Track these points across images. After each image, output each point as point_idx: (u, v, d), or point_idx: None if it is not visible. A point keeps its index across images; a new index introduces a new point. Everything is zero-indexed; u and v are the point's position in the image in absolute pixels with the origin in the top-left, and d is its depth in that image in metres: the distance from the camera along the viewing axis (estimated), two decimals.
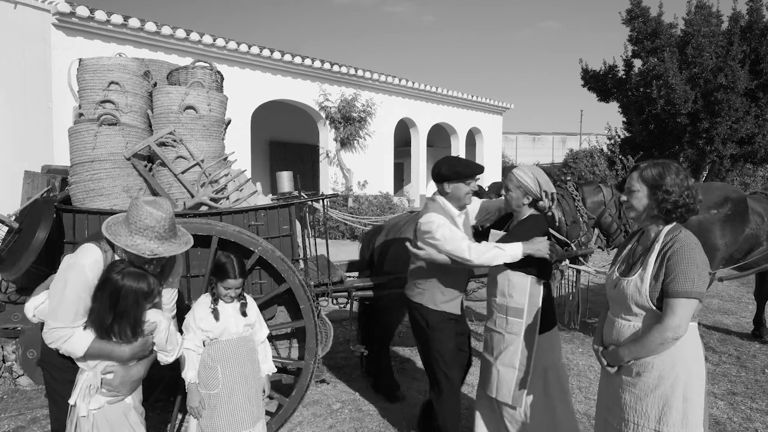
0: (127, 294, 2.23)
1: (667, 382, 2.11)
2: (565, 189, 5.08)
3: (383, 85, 14.89)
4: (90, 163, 3.20)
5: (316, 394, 4.21)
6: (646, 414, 2.15)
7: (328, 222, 10.23)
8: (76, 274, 2.26)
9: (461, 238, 2.87)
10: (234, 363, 2.79)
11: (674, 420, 2.10)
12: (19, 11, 9.31)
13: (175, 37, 10.36)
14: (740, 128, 13.23)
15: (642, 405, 2.16)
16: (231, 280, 2.75)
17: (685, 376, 2.11)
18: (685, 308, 2.04)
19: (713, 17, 13.86)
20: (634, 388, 2.18)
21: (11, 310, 3.11)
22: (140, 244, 2.27)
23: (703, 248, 2.16)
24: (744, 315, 6.68)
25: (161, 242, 2.33)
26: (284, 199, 3.61)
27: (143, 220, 2.30)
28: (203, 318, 2.75)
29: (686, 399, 2.11)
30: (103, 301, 2.24)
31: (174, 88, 3.45)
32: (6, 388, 4.30)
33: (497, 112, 19.33)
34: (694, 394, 2.12)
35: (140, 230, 2.29)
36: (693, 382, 2.13)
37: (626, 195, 2.27)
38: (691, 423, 2.10)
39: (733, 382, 4.46)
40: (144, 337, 2.35)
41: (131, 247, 2.25)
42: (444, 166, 3.03)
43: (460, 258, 2.83)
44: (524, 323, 2.79)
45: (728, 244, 4.96)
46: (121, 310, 2.24)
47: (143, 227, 2.29)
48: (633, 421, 2.19)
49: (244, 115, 11.70)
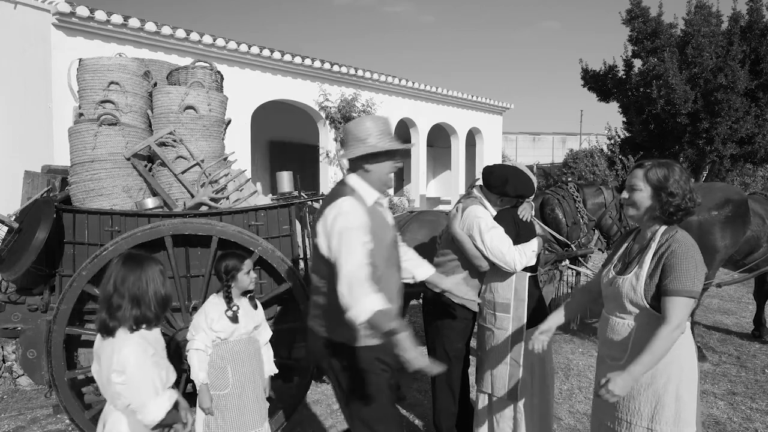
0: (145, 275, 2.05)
1: (660, 380, 2.12)
2: (566, 190, 5.08)
3: (383, 85, 14.89)
4: (90, 163, 3.20)
5: (316, 394, 4.21)
6: (639, 412, 2.16)
7: None
8: (354, 230, 2.15)
9: (510, 245, 2.84)
10: (244, 363, 2.79)
11: (666, 418, 2.11)
12: (19, 11, 9.30)
13: (175, 37, 10.35)
14: (740, 128, 13.22)
15: (635, 403, 2.17)
16: (247, 261, 2.76)
17: (678, 374, 2.13)
18: (687, 306, 2.04)
19: (713, 17, 13.85)
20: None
21: (11, 310, 3.11)
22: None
23: (703, 250, 2.17)
24: (744, 315, 6.67)
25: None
26: (284, 199, 3.60)
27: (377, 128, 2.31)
28: (216, 320, 2.71)
29: (679, 398, 2.12)
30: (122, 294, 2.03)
31: (174, 88, 3.45)
32: (6, 388, 4.30)
33: (497, 112, 19.33)
34: (686, 392, 2.13)
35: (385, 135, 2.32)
36: (686, 381, 2.14)
37: (628, 192, 2.25)
38: (683, 421, 2.12)
39: (733, 382, 4.46)
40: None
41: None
42: (510, 186, 2.95)
43: (502, 263, 2.81)
44: (511, 318, 2.83)
45: (728, 246, 4.94)
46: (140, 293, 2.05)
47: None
48: (626, 420, 2.20)
49: (244, 115, 11.70)
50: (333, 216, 2.19)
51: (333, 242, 2.15)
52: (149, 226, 3.05)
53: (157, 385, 2.03)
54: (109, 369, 1.99)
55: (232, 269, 2.72)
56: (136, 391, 1.98)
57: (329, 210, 2.22)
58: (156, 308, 2.06)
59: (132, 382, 1.97)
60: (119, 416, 2.05)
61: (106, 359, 2.01)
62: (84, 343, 3.20)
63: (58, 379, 2.93)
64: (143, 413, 2.00)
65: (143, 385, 1.99)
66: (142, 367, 1.98)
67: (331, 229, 2.17)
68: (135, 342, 2.01)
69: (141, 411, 2.00)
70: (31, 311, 3.09)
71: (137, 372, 1.97)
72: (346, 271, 2.06)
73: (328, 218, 2.20)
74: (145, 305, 2.03)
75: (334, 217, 2.18)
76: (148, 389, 1.99)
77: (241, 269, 2.73)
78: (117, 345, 2.00)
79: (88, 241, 3.09)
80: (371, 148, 2.27)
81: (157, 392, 2.02)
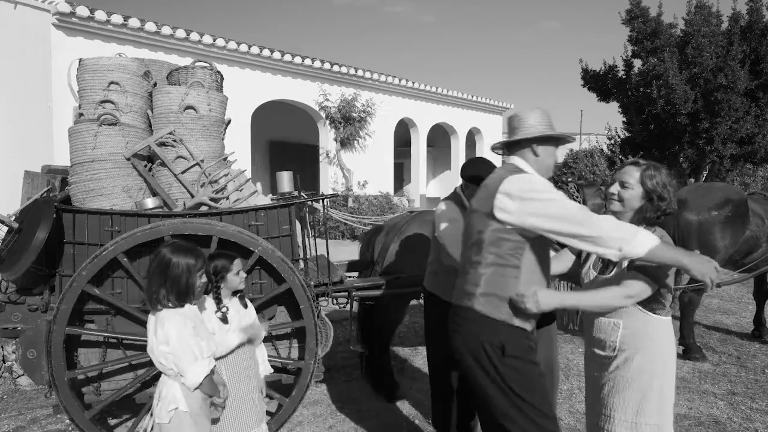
0: (177, 265, 2.38)
1: (644, 376, 2.19)
2: (566, 190, 5.08)
3: (383, 85, 14.89)
4: (90, 163, 3.20)
5: (316, 394, 4.21)
6: (623, 407, 2.22)
7: (328, 222, 10.23)
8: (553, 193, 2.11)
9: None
10: (238, 363, 2.77)
11: (650, 411, 2.18)
12: (19, 11, 9.31)
13: (175, 37, 10.36)
14: (740, 128, 13.22)
15: (620, 399, 2.23)
16: (236, 261, 2.72)
17: (662, 371, 2.20)
18: (645, 290, 2.12)
19: (713, 17, 13.85)
20: (613, 381, 2.25)
21: (11, 310, 3.10)
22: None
23: (703, 250, 2.19)
24: (744, 315, 6.68)
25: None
26: (284, 199, 3.60)
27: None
28: (206, 321, 2.66)
29: (662, 392, 2.19)
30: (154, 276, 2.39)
31: (174, 88, 3.45)
32: (6, 388, 4.30)
33: (497, 112, 19.33)
34: (667, 387, 2.21)
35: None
36: (668, 376, 2.22)
37: (617, 187, 2.28)
38: (663, 414, 2.20)
39: (733, 382, 4.46)
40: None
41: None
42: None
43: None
44: None
45: (728, 245, 4.95)
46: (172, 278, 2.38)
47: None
48: (609, 415, 2.26)
49: (244, 115, 11.71)
50: (526, 184, 2.12)
51: (534, 206, 2.07)
52: (149, 226, 3.05)
53: (195, 353, 2.35)
54: (156, 341, 2.35)
55: (221, 270, 2.68)
56: (177, 359, 2.32)
57: (512, 181, 2.13)
58: (191, 290, 2.43)
59: (175, 351, 2.32)
60: (172, 383, 2.38)
61: (153, 333, 2.37)
62: (84, 343, 3.20)
63: (58, 379, 2.93)
64: (185, 377, 2.34)
65: (184, 353, 2.33)
66: (182, 338, 2.33)
67: (526, 196, 2.09)
68: (175, 317, 2.35)
69: (183, 375, 2.34)
70: (31, 311, 3.09)
71: (178, 342, 2.32)
72: (585, 220, 2.01)
73: (514, 186, 2.11)
74: (182, 288, 2.38)
75: (526, 184, 2.12)
76: (187, 356, 2.33)
77: (230, 270, 2.69)
78: (160, 320, 2.36)
79: (88, 241, 3.08)
80: (548, 129, 2.28)
81: (196, 359, 2.35)
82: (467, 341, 2.20)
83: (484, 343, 2.15)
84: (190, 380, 2.35)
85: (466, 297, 2.23)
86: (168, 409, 2.35)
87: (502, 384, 2.12)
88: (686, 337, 4.99)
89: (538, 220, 2.07)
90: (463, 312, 2.24)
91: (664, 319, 2.22)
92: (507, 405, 2.12)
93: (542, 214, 2.06)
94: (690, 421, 3.73)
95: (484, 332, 2.16)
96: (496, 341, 2.13)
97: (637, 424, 2.19)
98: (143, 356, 3.13)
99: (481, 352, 2.15)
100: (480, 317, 2.17)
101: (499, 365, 2.12)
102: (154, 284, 2.38)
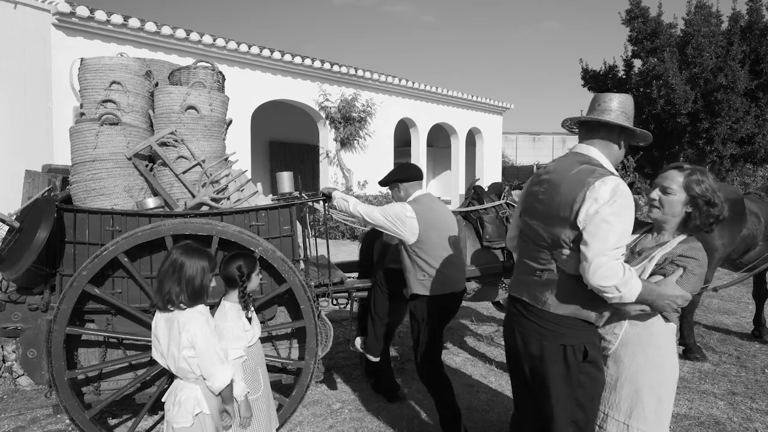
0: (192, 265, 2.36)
1: (641, 377, 2.15)
2: None
3: (383, 85, 14.89)
4: (91, 163, 3.20)
5: (316, 394, 4.21)
6: (617, 406, 2.20)
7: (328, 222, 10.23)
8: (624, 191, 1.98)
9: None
10: (264, 364, 2.82)
11: (646, 417, 2.13)
12: (19, 11, 9.31)
13: (175, 37, 10.35)
14: (740, 128, 13.23)
15: (615, 396, 2.20)
16: (257, 261, 2.78)
17: (659, 375, 2.15)
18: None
19: (713, 17, 13.87)
20: (609, 377, 2.22)
21: (11, 310, 3.10)
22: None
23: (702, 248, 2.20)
24: (744, 315, 6.68)
25: None
26: (285, 200, 3.60)
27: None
28: (239, 324, 2.63)
29: (660, 398, 2.15)
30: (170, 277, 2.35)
31: (176, 88, 3.45)
32: (6, 388, 4.30)
33: (497, 112, 19.33)
34: (666, 394, 2.16)
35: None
36: (667, 382, 2.17)
37: (658, 193, 2.19)
38: (660, 423, 2.15)
39: (733, 382, 4.46)
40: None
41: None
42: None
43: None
44: None
45: (726, 244, 4.98)
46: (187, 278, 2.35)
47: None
48: (604, 412, 2.23)
49: (244, 115, 11.70)
50: (611, 191, 1.96)
51: (606, 213, 1.94)
52: (150, 226, 3.05)
53: (221, 355, 2.33)
54: (179, 346, 2.28)
55: (249, 271, 2.66)
56: (204, 362, 2.28)
57: (604, 188, 1.97)
58: (204, 291, 2.40)
59: (202, 355, 2.27)
60: (192, 386, 2.33)
61: (174, 337, 2.30)
62: (84, 343, 3.20)
63: (58, 379, 2.93)
64: (212, 380, 2.29)
65: (211, 356, 2.29)
66: (208, 341, 2.29)
67: (608, 203, 1.95)
68: (198, 319, 2.32)
69: (210, 378, 2.29)
70: (32, 311, 3.09)
71: (205, 345, 2.28)
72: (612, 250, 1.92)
73: (601, 190, 1.96)
74: (196, 288, 2.35)
75: (620, 198, 1.96)
76: (214, 358, 2.29)
77: (254, 270, 2.70)
78: (182, 324, 2.30)
79: (88, 241, 3.08)
80: (629, 123, 2.15)
81: (222, 361, 2.32)
82: (546, 342, 2.10)
83: (567, 345, 2.07)
84: (218, 383, 2.29)
85: (542, 298, 2.12)
86: (193, 413, 2.29)
87: (569, 390, 2.07)
88: (686, 337, 5.00)
89: (592, 227, 1.94)
90: (539, 312, 2.13)
91: (670, 325, 2.18)
92: (565, 404, 2.08)
93: (602, 224, 1.94)
94: (690, 421, 3.74)
95: (567, 335, 2.07)
96: (578, 344, 2.06)
97: (629, 427, 2.15)
98: (143, 356, 3.13)
99: (560, 354, 2.07)
100: (559, 318, 2.08)
101: (576, 370, 2.06)
102: (166, 285, 2.34)
